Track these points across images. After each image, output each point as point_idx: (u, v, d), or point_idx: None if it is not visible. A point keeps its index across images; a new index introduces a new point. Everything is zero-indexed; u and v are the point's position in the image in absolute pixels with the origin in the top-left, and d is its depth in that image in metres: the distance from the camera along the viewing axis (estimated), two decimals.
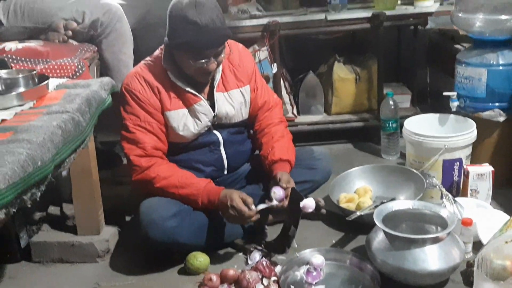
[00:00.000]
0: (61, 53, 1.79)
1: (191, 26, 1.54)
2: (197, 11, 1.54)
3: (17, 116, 1.24)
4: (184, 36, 1.56)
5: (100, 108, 1.47)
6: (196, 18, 1.54)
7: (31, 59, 1.74)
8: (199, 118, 1.73)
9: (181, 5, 1.57)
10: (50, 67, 1.72)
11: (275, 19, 2.35)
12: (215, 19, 1.58)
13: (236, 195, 1.57)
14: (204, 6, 1.56)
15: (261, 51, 2.40)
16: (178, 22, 1.58)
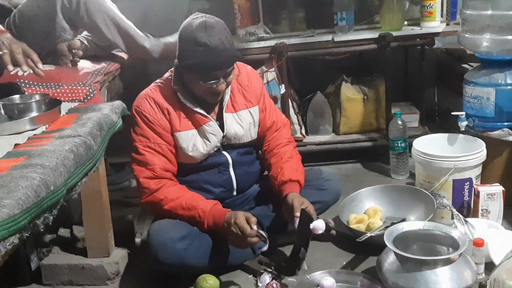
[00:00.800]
0: (72, 77, 1.83)
1: (201, 47, 1.58)
2: (206, 33, 1.58)
3: (30, 141, 1.26)
4: (194, 58, 1.59)
5: (111, 131, 1.48)
6: (206, 40, 1.57)
7: (44, 84, 1.77)
8: (208, 139, 1.75)
9: (191, 27, 1.61)
10: (62, 91, 1.75)
11: (283, 41, 2.38)
12: (224, 41, 1.61)
13: (241, 214, 1.57)
14: (213, 28, 1.60)
15: (269, 72, 2.43)
16: (188, 44, 1.61)
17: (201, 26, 1.60)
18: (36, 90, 1.74)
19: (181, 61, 1.65)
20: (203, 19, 1.63)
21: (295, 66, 2.74)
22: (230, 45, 1.64)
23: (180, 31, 1.66)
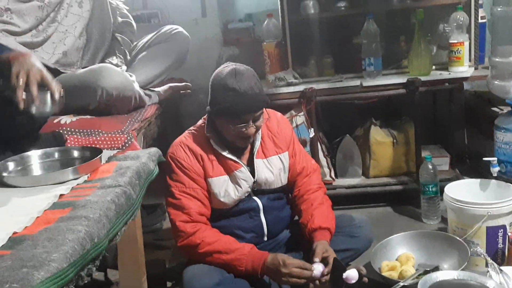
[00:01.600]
0: (111, 125, 1.90)
1: (231, 92, 1.66)
2: (236, 79, 1.66)
3: (73, 191, 1.32)
4: (224, 102, 1.67)
5: (148, 179, 1.53)
6: (236, 85, 1.66)
7: (85, 130, 1.85)
8: (239, 184, 1.79)
9: (222, 75, 1.70)
10: (101, 139, 1.83)
11: (312, 86, 2.44)
12: (253, 86, 1.69)
13: (285, 256, 1.60)
14: (243, 75, 1.68)
15: (298, 116, 2.48)
16: (219, 90, 1.70)
17: (231, 73, 1.68)
18: (78, 137, 1.82)
19: (213, 106, 1.73)
20: (233, 66, 1.72)
21: (323, 109, 2.78)
22: (259, 90, 1.71)
23: (212, 78, 1.75)
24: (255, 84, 1.69)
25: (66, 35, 2.10)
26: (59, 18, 2.09)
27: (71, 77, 1.99)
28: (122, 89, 1.98)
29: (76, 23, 2.11)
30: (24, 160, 1.54)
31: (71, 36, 2.11)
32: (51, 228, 1.06)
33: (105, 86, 1.93)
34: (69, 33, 2.10)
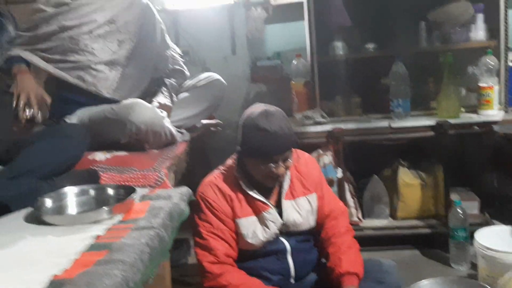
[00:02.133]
0: (144, 162, 1.95)
1: (261, 132, 1.69)
2: (267, 120, 1.70)
3: (109, 232, 1.35)
4: (255, 142, 1.70)
5: (179, 220, 1.56)
6: (267, 125, 1.69)
7: (118, 167, 1.90)
8: (267, 226, 1.80)
9: (253, 115, 1.74)
10: (134, 176, 1.87)
11: (339, 125, 2.46)
12: (284, 127, 1.72)
13: None
14: (273, 115, 1.72)
15: (326, 155, 2.49)
16: (249, 131, 1.73)
17: (262, 114, 1.72)
18: (112, 174, 1.87)
19: (243, 146, 1.76)
20: (264, 107, 1.76)
21: (351, 149, 2.79)
22: (289, 130, 1.74)
23: (243, 119, 1.78)
24: (285, 124, 1.73)
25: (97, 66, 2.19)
26: (90, 48, 2.19)
27: (104, 111, 2.07)
28: (151, 124, 2.04)
29: (110, 58, 2.20)
30: (61, 197, 1.59)
31: (103, 68, 2.20)
32: (89, 272, 1.08)
33: (135, 120, 2.00)
34: (101, 64, 2.19)
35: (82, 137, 1.84)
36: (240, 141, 1.79)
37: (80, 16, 2.18)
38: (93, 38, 2.18)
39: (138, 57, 2.29)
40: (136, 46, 2.27)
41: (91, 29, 2.18)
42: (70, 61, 2.16)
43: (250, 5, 3.11)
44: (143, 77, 2.32)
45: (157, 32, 2.39)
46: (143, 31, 2.30)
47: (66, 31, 2.16)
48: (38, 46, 2.18)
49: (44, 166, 1.66)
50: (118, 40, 2.22)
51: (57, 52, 2.16)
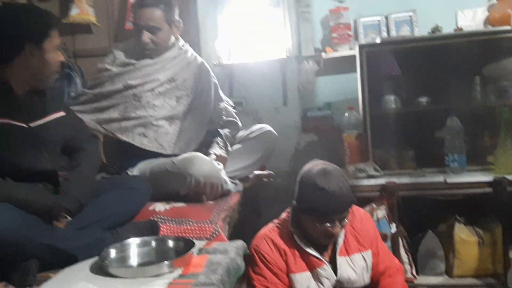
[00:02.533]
0: (200, 214, 2.01)
1: (320, 192, 1.71)
2: (326, 179, 1.72)
3: (170, 287, 1.40)
4: (313, 201, 1.72)
5: (236, 276, 1.59)
6: (325, 185, 1.71)
7: (177, 219, 1.97)
8: (321, 282, 1.79)
9: (311, 173, 1.76)
10: (191, 228, 1.93)
11: (393, 179, 2.44)
12: (342, 187, 1.73)
13: None
14: (332, 174, 1.74)
15: (379, 209, 2.46)
16: (308, 188, 1.75)
17: (320, 172, 1.74)
18: (171, 226, 1.93)
19: (300, 203, 1.78)
20: (322, 166, 1.78)
21: (405, 203, 2.75)
22: (346, 190, 1.75)
23: (301, 176, 1.81)
24: (343, 184, 1.74)
25: (158, 122, 2.30)
26: (151, 105, 2.31)
27: (165, 164, 2.16)
28: (210, 176, 2.11)
29: (170, 113, 2.32)
30: (124, 248, 1.66)
31: (163, 123, 2.31)
32: None
33: (194, 173, 2.08)
34: (162, 120, 2.31)
35: (145, 189, 1.92)
36: (296, 197, 1.81)
37: (144, 75, 2.33)
38: (154, 95, 2.32)
39: (195, 111, 2.40)
40: (192, 101, 2.39)
41: (153, 87, 2.31)
42: (132, 118, 2.28)
43: (302, 58, 3.20)
44: (199, 130, 2.42)
45: (212, 87, 2.50)
46: (199, 86, 2.42)
47: (130, 89, 2.30)
48: (102, 103, 2.32)
49: (109, 217, 1.75)
50: (177, 96, 2.35)
51: (119, 109, 2.30)
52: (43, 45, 1.70)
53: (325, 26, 3.29)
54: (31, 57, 1.68)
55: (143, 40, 2.28)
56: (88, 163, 1.87)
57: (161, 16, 2.29)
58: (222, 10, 3.16)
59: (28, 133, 1.71)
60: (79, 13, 3.23)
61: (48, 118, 1.79)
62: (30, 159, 1.71)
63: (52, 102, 1.83)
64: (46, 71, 1.74)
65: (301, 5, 3.19)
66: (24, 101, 1.73)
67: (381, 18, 3.18)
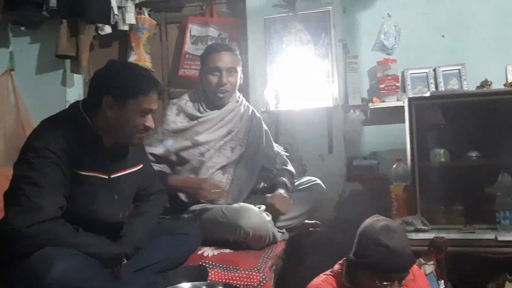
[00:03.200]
0: (247, 261, 2.03)
1: (383, 249, 1.68)
2: (389, 236, 1.70)
3: None
4: (375, 257, 1.68)
5: None
6: (389, 242, 1.68)
7: (224, 266, 1.99)
8: None
9: (374, 228, 1.74)
10: (239, 275, 1.95)
11: (441, 234, 2.39)
12: (405, 245, 1.71)
13: None
14: (395, 232, 1.73)
15: (427, 265, 2.41)
16: (370, 243, 1.72)
17: (384, 229, 1.72)
18: (219, 272, 1.96)
19: (359, 258, 1.74)
20: (386, 222, 1.76)
21: (453, 260, 2.68)
22: (409, 249, 1.72)
23: (362, 229, 1.79)
24: (406, 243, 1.72)
25: (214, 172, 2.37)
26: (208, 156, 2.38)
27: (217, 212, 2.21)
28: (258, 229, 2.15)
29: (224, 163, 2.39)
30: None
31: (217, 172, 2.38)
32: None
33: (244, 225, 2.12)
34: (217, 170, 2.37)
35: (197, 235, 1.97)
36: (355, 251, 1.78)
37: (208, 129, 2.42)
38: (215, 149, 2.40)
39: (246, 160, 2.46)
40: (245, 150, 2.45)
41: (215, 143, 2.40)
42: (187, 169, 2.38)
43: (348, 108, 3.24)
44: (250, 177, 2.48)
45: (263, 134, 2.56)
46: (250, 135, 2.50)
47: (197, 146, 2.38)
48: (171, 157, 2.40)
49: (162, 262, 1.80)
50: (231, 147, 2.43)
51: (187, 165, 2.38)
52: (125, 103, 1.69)
53: (372, 77, 3.35)
54: (109, 110, 1.70)
55: (223, 81, 2.39)
56: (153, 214, 1.95)
57: (236, 60, 2.46)
58: (272, 59, 3.26)
59: (107, 183, 1.77)
60: (136, 60, 3.42)
61: (128, 170, 1.86)
62: (105, 208, 1.76)
63: (134, 155, 1.88)
64: (126, 129, 1.73)
65: (349, 57, 3.27)
66: (110, 153, 1.78)
67: (429, 71, 3.21)
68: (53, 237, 1.56)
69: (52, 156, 1.60)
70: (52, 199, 1.59)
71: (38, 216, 1.54)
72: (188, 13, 3.59)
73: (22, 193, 1.56)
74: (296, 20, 3.21)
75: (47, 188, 1.58)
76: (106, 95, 1.70)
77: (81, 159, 1.68)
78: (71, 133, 1.68)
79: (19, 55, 3.66)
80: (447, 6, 3.25)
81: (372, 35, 3.28)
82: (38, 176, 1.58)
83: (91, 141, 1.72)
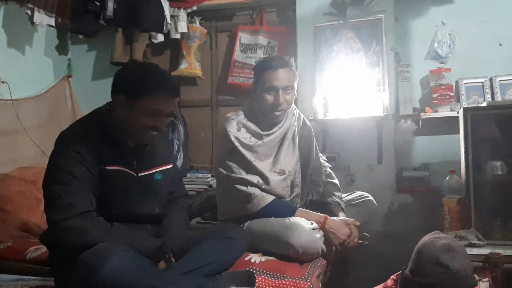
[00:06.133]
0: (295, 270, 2.01)
1: (442, 269, 1.60)
2: (449, 256, 1.61)
3: None
4: (432, 278, 1.60)
5: None
6: (449, 262, 1.60)
7: (271, 273, 1.98)
8: None
9: (434, 246, 1.65)
10: (286, 283, 1.93)
11: (497, 250, 2.29)
12: (466, 268, 1.62)
13: None
14: (457, 252, 1.63)
15: (482, 281, 2.31)
16: (428, 262, 1.64)
17: (445, 248, 1.63)
18: (265, 278, 1.95)
19: (416, 276, 1.66)
20: (447, 240, 1.67)
21: (509, 277, 2.55)
22: (470, 272, 1.64)
23: (421, 246, 1.71)
24: (468, 265, 1.64)
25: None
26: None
27: (264, 226, 2.18)
28: (308, 247, 2.11)
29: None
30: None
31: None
32: None
33: (293, 243, 2.08)
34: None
35: (245, 240, 1.97)
36: (411, 268, 1.70)
37: (270, 150, 2.36)
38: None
39: (301, 170, 2.44)
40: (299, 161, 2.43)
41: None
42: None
43: (400, 117, 3.17)
44: (303, 188, 2.45)
45: (314, 144, 2.53)
46: (301, 145, 2.46)
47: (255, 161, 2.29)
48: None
49: (209, 265, 1.81)
50: None
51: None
52: (135, 102, 1.71)
53: (424, 86, 3.27)
54: (122, 108, 1.75)
55: (280, 101, 2.25)
56: (182, 216, 2.00)
57: (292, 76, 2.30)
58: (321, 68, 3.25)
59: (137, 181, 1.83)
60: (187, 67, 3.50)
61: (155, 169, 1.90)
62: (138, 204, 1.83)
63: (160, 156, 1.93)
64: (135, 128, 1.75)
65: (401, 65, 3.21)
66: (134, 153, 1.83)
67: (485, 80, 3.10)
68: (85, 229, 1.63)
69: (76, 156, 1.68)
70: (81, 195, 1.67)
71: (70, 211, 1.63)
72: (238, 21, 3.65)
73: (54, 193, 1.66)
74: (346, 28, 3.19)
75: (75, 186, 1.66)
76: (119, 93, 1.75)
77: (106, 156, 1.74)
78: (94, 133, 1.75)
79: (77, 62, 3.83)
80: (505, 14, 3.14)
81: (425, 43, 3.21)
82: (65, 175, 1.67)
83: (114, 140, 1.78)
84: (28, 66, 3.46)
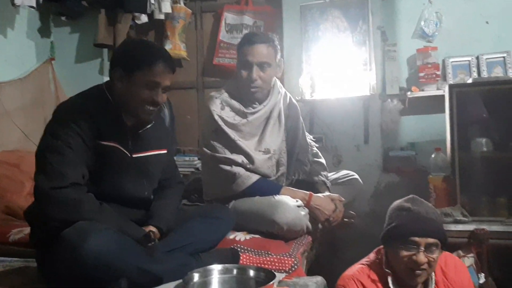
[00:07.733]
0: (279, 247, 2.01)
1: (404, 212, 1.67)
2: (412, 203, 1.69)
3: None
4: (396, 221, 1.66)
5: None
6: (410, 206, 1.67)
7: (256, 250, 1.98)
8: None
9: (400, 201, 1.74)
10: (270, 260, 1.93)
11: (482, 226, 2.29)
12: (429, 211, 1.67)
13: None
14: (422, 202, 1.71)
15: (467, 257, 2.32)
16: (393, 212, 1.72)
17: (409, 198, 1.72)
18: (250, 256, 1.94)
19: (385, 229, 1.71)
20: (414, 196, 1.74)
21: (495, 253, 2.57)
22: (435, 217, 1.68)
23: (391, 205, 1.76)
24: (432, 211, 1.69)
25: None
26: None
27: (250, 207, 2.17)
28: (293, 224, 2.10)
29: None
30: (207, 273, 1.68)
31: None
32: None
33: (278, 221, 2.08)
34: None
35: (230, 220, 1.96)
36: (384, 228, 1.73)
37: (255, 129, 2.34)
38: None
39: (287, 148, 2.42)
40: (285, 140, 2.41)
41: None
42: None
43: (386, 97, 3.16)
44: (289, 167, 2.43)
45: (300, 124, 2.50)
46: (288, 125, 2.43)
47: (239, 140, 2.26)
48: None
49: (195, 244, 1.79)
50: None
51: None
52: (132, 75, 1.71)
53: (411, 65, 3.26)
54: (119, 82, 1.74)
55: (253, 77, 2.22)
56: (175, 199, 1.98)
57: (271, 53, 2.26)
58: (308, 47, 3.22)
59: (131, 162, 1.80)
60: (171, 48, 3.45)
61: (150, 152, 1.87)
62: (129, 184, 1.80)
63: (156, 140, 1.90)
64: (133, 102, 1.74)
65: (387, 44, 3.18)
66: (131, 133, 1.81)
67: (472, 59, 3.09)
68: (75, 202, 1.60)
69: (74, 127, 1.66)
70: (74, 167, 1.65)
71: (60, 181, 1.60)
72: (223, 1, 3.60)
73: (47, 161, 1.63)
74: (333, 7, 3.16)
75: (70, 156, 1.64)
76: (116, 67, 1.75)
77: (103, 132, 1.72)
78: (93, 108, 1.74)
79: (60, 45, 3.76)
80: None
81: (412, 22, 3.19)
82: (60, 145, 1.64)
83: (112, 117, 1.77)
84: (10, 48, 3.39)
